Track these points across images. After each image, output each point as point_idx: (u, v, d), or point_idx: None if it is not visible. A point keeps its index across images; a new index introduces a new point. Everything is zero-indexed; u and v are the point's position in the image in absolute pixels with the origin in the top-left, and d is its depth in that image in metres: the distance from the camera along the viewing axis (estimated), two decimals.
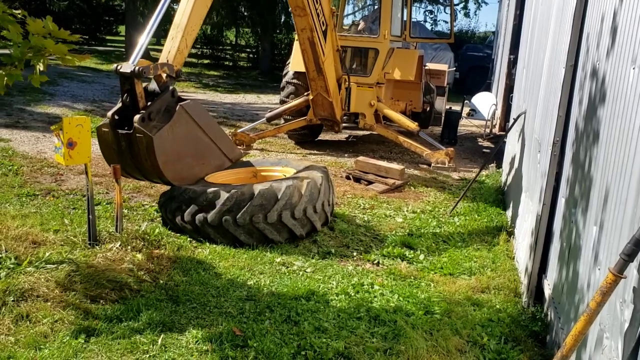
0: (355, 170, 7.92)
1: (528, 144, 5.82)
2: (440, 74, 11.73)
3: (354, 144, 10.63)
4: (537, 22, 6.20)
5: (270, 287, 4.30)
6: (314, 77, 8.36)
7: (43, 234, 4.59)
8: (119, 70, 4.80)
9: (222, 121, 11.89)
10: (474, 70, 20.31)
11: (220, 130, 5.67)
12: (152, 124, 4.82)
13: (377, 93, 9.31)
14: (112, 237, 4.61)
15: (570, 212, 3.62)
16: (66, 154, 4.29)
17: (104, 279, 3.97)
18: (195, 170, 5.32)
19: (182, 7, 5.41)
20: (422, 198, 7.17)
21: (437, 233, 5.86)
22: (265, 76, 22.08)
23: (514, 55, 10.44)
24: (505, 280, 4.74)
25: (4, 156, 7.44)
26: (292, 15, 7.60)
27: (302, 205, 5.17)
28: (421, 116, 10.39)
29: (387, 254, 5.18)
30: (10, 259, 3.92)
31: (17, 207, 5.55)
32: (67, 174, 6.94)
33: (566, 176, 3.88)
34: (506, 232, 5.82)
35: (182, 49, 5.29)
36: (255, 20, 21.79)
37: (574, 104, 3.88)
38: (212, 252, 4.86)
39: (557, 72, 4.23)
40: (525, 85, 6.98)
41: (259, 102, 15.77)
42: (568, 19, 4.01)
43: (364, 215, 6.25)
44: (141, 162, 4.93)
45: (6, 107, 10.69)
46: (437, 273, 4.87)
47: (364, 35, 9.85)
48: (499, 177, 8.30)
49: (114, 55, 23.86)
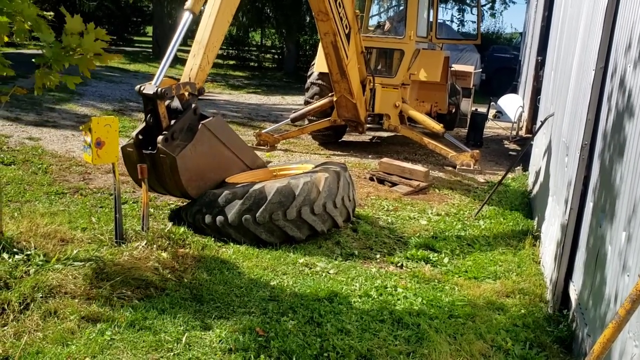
0: (379, 172, 7.90)
1: (555, 147, 5.74)
2: (466, 75, 11.63)
3: (378, 145, 10.60)
4: (566, 24, 6.11)
5: (293, 288, 4.31)
6: (338, 80, 8.35)
7: (71, 232, 4.67)
8: (142, 92, 4.92)
9: (247, 122, 11.97)
10: (501, 72, 20.07)
11: (242, 143, 5.79)
12: (175, 143, 4.93)
13: (402, 94, 9.26)
14: (138, 236, 4.67)
15: (598, 216, 3.56)
16: (94, 153, 4.35)
17: (130, 277, 4.02)
18: (217, 183, 5.41)
19: (203, 23, 5.48)
20: (447, 200, 7.12)
21: (462, 236, 5.81)
22: (289, 77, 22.14)
23: (542, 57, 10.31)
24: (531, 284, 4.68)
25: (33, 155, 7.59)
26: (315, 20, 7.62)
27: (321, 201, 5.17)
28: (446, 118, 10.31)
29: (410, 256, 5.15)
30: (39, 256, 4.00)
31: (46, 205, 5.65)
32: (95, 172, 7.05)
33: (594, 180, 3.81)
34: (532, 236, 5.74)
35: (204, 66, 5.37)
36: (280, 21, 21.87)
37: (603, 107, 3.81)
38: (235, 252, 4.89)
39: (587, 75, 4.17)
40: (553, 87, 6.88)
41: (283, 102, 15.82)
42: (599, 21, 3.94)
43: (388, 217, 6.23)
44: (165, 180, 5.06)
45: (36, 106, 10.91)
46: (462, 276, 4.83)
47: (390, 36, 9.81)
48: (525, 181, 8.20)
49: (142, 55, 24.16)
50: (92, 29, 3.75)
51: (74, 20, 3.71)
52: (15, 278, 3.73)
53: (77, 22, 3.71)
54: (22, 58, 4.82)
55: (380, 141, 10.96)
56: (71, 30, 3.70)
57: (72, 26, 3.70)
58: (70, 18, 3.70)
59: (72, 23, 3.70)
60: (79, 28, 3.72)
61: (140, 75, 17.56)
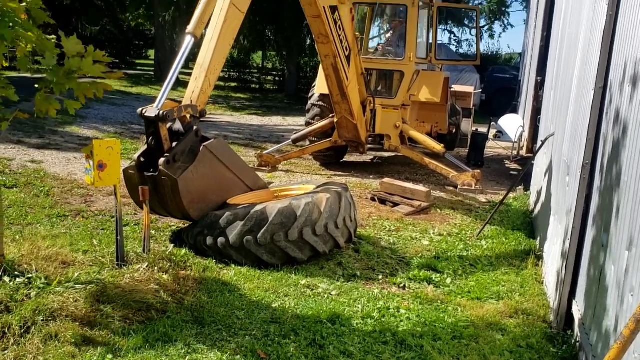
0: (380, 192, 7.90)
1: (557, 166, 5.75)
2: (466, 95, 11.69)
3: (379, 165, 10.62)
4: (565, 44, 6.15)
5: (295, 310, 4.29)
6: (338, 101, 8.41)
7: (72, 255, 4.66)
8: (144, 114, 4.95)
9: (249, 143, 12.01)
10: (501, 92, 20.18)
11: (243, 164, 5.82)
12: (177, 165, 4.96)
13: (402, 115, 9.31)
14: (140, 258, 4.66)
15: (600, 235, 3.55)
16: (96, 175, 4.36)
17: (131, 300, 4.00)
18: (218, 205, 5.41)
19: (205, 47, 5.53)
20: (449, 221, 7.10)
21: (464, 256, 5.79)
22: (290, 99, 22.27)
23: (541, 77, 10.37)
24: (534, 305, 4.65)
25: (36, 177, 7.61)
26: (316, 42, 7.70)
27: (322, 222, 5.16)
28: (447, 138, 10.34)
29: (413, 277, 5.13)
30: (40, 279, 3.98)
31: (48, 228, 5.65)
32: (97, 195, 7.05)
33: (596, 199, 3.81)
34: (535, 256, 5.72)
35: (206, 89, 5.42)
36: (281, 44, 22.09)
37: (603, 127, 3.82)
38: (237, 274, 4.87)
39: (586, 94, 4.19)
40: (553, 107, 6.91)
41: (284, 124, 15.89)
42: (597, 41, 3.97)
43: (390, 238, 6.21)
44: (167, 202, 5.07)
45: (39, 129, 10.97)
46: (465, 297, 4.80)
47: (389, 58, 9.89)
48: (526, 200, 8.19)
49: (144, 78, 24.34)
50: (92, 51, 3.77)
51: (70, 40, 3.72)
52: (17, 301, 3.72)
53: (73, 43, 3.72)
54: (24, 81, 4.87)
55: (381, 161, 10.98)
56: (70, 52, 3.72)
57: (70, 47, 3.72)
58: (66, 39, 3.71)
59: (69, 44, 3.71)
60: (77, 49, 3.73)
61: (142, 98, 17.67)
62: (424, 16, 9.75)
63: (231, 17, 5.63)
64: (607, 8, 3.75)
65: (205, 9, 5.40)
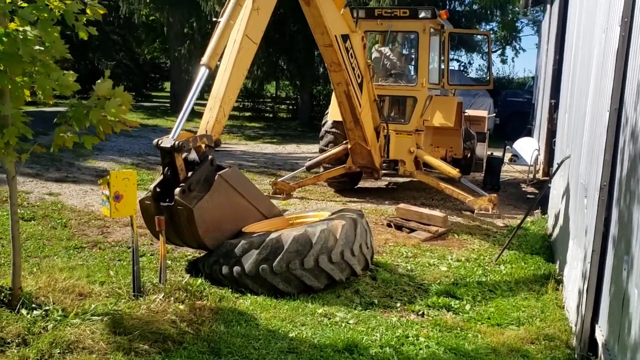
0: (396, 218, 7.85)
1: (574, 189, 5.69)
2: (480, 120, 11.67)
3: (394, 191, 10.58)
4: (578, 66, 6.14)
5: (312, 339, 4.24)
6: (352, 128, 8.44)
7: (89, 286, 4.67)
8: (160, 145, 5.01)
9: (263, 170, 12.06)
10: (515, 116, 20.11)
11: (258, 192, 5.84)
12: (192, 195, 4.98)
13: (416, 140, 9.31)
14: (156, 289, 4.66)
15: (621, 258, 3.48)
16: (113, 206, 4.40)
17: (148, 331, 3.99)
18: (234, 234, 5.42)
19: (219, 78, 5.63)
20: (466, 246, 7.03)
21: (483, 282, 5.71)
22: (304, 126, 22.39)
23: (555, 100, 10.34)
24: (556, 330, 4.56)
25: (53, 210, 7.68)
26: (328, 71, 7.78)
27: (338, 249, 5.13)
28: (462, 162, 10.30)
29: (432, 304, 5.06)
30: (57, 311, 3.99)
31: (65, 260, 5.68)
32: (113, 226, 7.10)
33: (615, 221, 3.75)
34: (554, 280, 5.62)
35: (220, 118, 5.49)
36: (294, 73, 22.27)
37: (619, 148, 3.79)
38: (253, 303, 4.84)
39: (602, 116, 4.16)
40: (567, 129, 6.87)
41: (298, 151, 15.95)
42: (610, 62, 3.96)
43: (407, 264, 6.15)
44: (182, 232, 5.09)
45: (57, 162, 11.11)
46: (484, 323, 4.72)
47: (402, 84, 9.94)
48: (544, 224, 8.09)
49: (160, 110, 24.66)
50: (120, 92, 3.85)
51: (103, 84, 3.81)
52: (34, 334, 3.73)
53: (105, 87, 3.82)
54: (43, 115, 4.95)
55: (396, 187, 10.95)
56: (99, 94, 3.80)
57: (101, 89, 3.81)
58: (101, 83, 3.80)
59: (102, 87, 3.81)
60: (107, 93, 3.82)
61: (158, 130, 17.87)
62: (435, 42, 9.81)
63: (244, 48, 5.72)
64: (620, 29, 3.75)
65: (219, 40, 5.48)
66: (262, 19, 5.98)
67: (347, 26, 7.69)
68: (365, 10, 9.53)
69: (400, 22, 9.46)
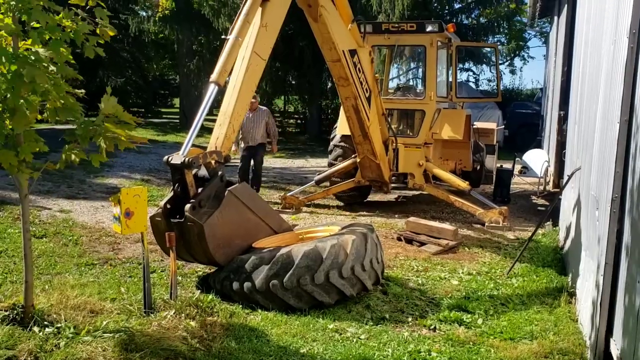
0: (406, 232, 7.83)
1: (585, 200, 5.65)
2: (489, 132, 11.65)
3: (403, 204, 10.56)
4: (587, 78, 6.13)
5: (323, 355, 4.22)
6: (360, 142, 8.46)
7: (100, 303, 4.68)
8: (170, 162, 5.04)
9: (272, 185, 12.08)
10: (524, 128, 20.07)
11: (267, 207, 5.87)
12: (202, 211, 5.00)
13: (425, 153, 9.31)
14: (167, 305, 4.66)
15: (635, 270, 3.45)
16: (123, 223, 4.42)
17: (159, 348, 3.98)
18: (244, 249, 5.43)
19: (228, 94, 5.68)
20: (477, 259, 6.99)
21: (495, 295, 5.66)
22: (313, 140, 22.43)
23: (564, 111, 10.31)
24: (570, 344, 4.51)
25: (64, 227, 7.73)
26: (336, 85, 7.82)
27: (349, 264, 5.11)
28: (471, 175, 10.27)
29: (443, 318, 5.02)
30: (69, 329, 4.00)
31: (76, 277, 5.70)
32: (124, 242, 7.12)
33: (627, 233, 3.72)
34: (567, 293, 5.57)
35: (230, 134, 5.54)
36: (302, 88, 22.38)
37: (630, 159, 3.77)
38: (264, 319, 4.83)
39: (612, 128, 4.14)
40: (577, 141, 6.84)
41: (307, 165, 15.97)
42: (620, 73, 3.95)
43: (418, 278, 6.12)
44: (193, 248, 5.10)
45: (67, 179, 11.19)
46: (497, 338, 4.67)
47: (410, 97, 9.96)
48: (555, 236, 8.03)
49: (169, 126, 24.81)
50: (120, 112, 3.89)
51: (109, 101, 3.86)
52: (46, 352, 3.73)
53: (111, 105, 3.86)
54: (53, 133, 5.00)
55: (405, 200, 10.92)
56: (104, 112, 3.85)
57: (107, 108, 3.85)
58: (106, 100, 3.85)
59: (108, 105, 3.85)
60: (112, 110, 3.86)
61: (168, 146, 17.97)
62: (442, 55, 9.84)
63: (253, 64, 5.76)
64: (629, 41, 3.74)
65: (228, 57, 5.53)
66: (270, 36, 6.03)
67: (354, 41, 7.74)
68: (372, 25, 9.58)
69: (408, 36, 9.49)
